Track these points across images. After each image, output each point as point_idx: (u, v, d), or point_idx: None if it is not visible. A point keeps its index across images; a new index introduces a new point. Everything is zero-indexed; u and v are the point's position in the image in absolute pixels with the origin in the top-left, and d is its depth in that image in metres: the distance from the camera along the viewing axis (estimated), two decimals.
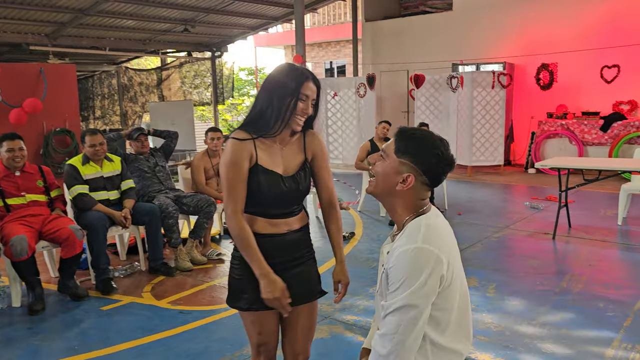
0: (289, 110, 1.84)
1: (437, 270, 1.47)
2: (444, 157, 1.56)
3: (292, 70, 1.89)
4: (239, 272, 1.94)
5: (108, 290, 3.97)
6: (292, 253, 1.98)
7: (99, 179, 4.33)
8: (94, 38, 12.00)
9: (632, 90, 9.16)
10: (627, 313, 3.48)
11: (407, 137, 1.60)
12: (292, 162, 1.95)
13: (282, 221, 1.95)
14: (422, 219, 1.58)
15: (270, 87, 1.87)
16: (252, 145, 1.87)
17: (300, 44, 9.50)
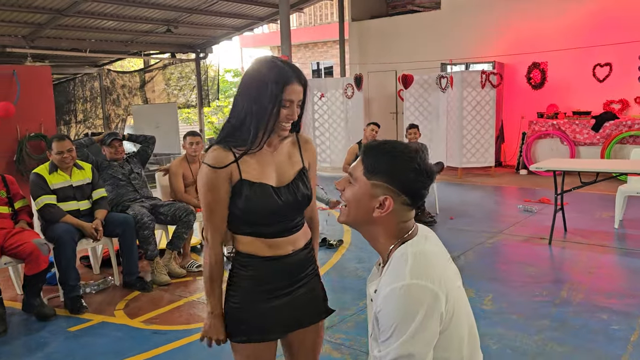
0: (272, 119, 1.58)
1: (435, 308, 1.22)
2: (422, 169, 1.32)
3: (271, 69, 1.59)
4: (236, 299, 1.69)
5: (77, 309, 3.68)
6: (297, 274, 1.73)
7: (68, 188, 4.03)
8: (74, 39, 11.66)
9: (623, 89, 9.02)
10: (632, 326, 3.27)
11: (376, 153, 1.35)
12: (288, 170, 1.69)
13: (285, 240, 1.68)
14: (408, 246, 1.32)
15: (247, 92, 1.60)
16: (230, 159, 1.60)
17: (286, 44, 9.25)
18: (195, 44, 13.63)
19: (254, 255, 1.65)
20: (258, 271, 1.65)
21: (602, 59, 9.14)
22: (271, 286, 1.66)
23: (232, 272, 1.70)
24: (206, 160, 1.61)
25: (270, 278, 1.67)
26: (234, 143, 1.60)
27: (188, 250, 4.73)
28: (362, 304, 3.72)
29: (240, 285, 1.67)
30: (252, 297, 1.66)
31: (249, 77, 1.61)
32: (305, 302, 1.75)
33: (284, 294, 1.68)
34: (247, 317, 1.67)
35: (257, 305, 1.66)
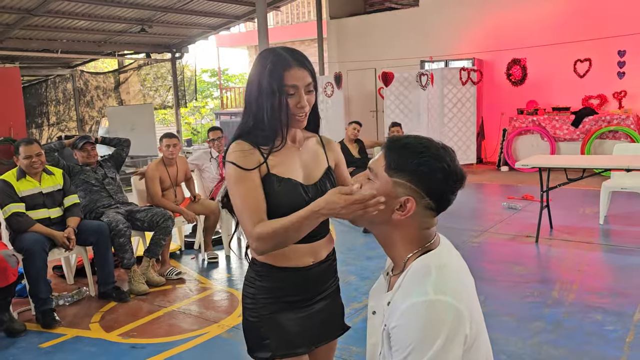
0: (282, 110, 1.45)
1: (459, 330, 1.07)
2: (452, 170, 1.16)
3: (267, 57, 1.48)
4: (254, 312, 1.56)
5: (49, 323, 3.47)
6: (318, 288, 1.59)
7: (37, 196, 3.81)
8: (45, 40, 11.31)
9: (601, 85, 9.06)
10: (627, 326, 3.20)
11: (400, 148, 1.19)
12: (315, 169, 1.58)
13: (307, 247, 1.54)
14: (431, 258, 1.18)
15: (251, 88, 1.50)
16: (258, 153, 1.49)
17: (264, 43, 9.06)
18: (170, 43, 13.36)
19: (269, 264, 1.52)
20: (274, 282, 1.53)
21: (581, 55, 9.17)
22: (289, 299, 1.55)
23: (247, 282, 1.59)
24: (230, 158, 1.47)
25: (288, 291, 1.53)
26: (255, 140, 1.50)
27: (167, 257, 4.53)
28: (349, 309, 3.59)
29: (256, 297, 1.55)
30: (269, 310, 1.54)
31: (250, 73, 1.52)
32: (327, 316, 1.63)
33: (304, 307, 1.56)
34: (269, 331, 1.54)
35: (277, 318, 1.54)
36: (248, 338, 1.59)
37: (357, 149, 6.22)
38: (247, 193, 1.44)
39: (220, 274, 4.57)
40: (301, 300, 1.55)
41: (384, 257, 4.53)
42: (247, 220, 1.43)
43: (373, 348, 1.37)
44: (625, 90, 8.82)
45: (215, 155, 5.22)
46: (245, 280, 1.60)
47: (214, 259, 4.84)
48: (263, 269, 1.54)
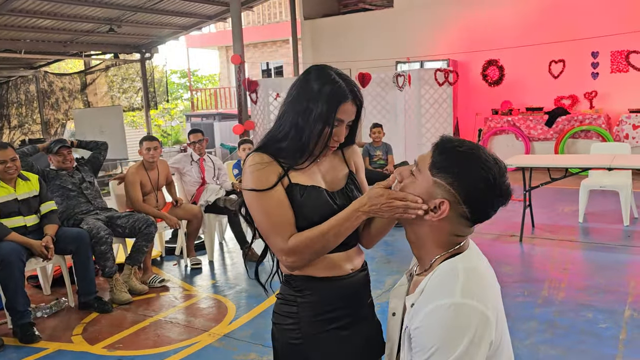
0: (321, 139, 1.39)
1: (485, 335, 1.04)
2: (497, 184, 1.11)
3: (327, 84, 1.38)
4: (297, 334, 1.42)
5: (29, 338, 3.28)
6: (358, 304, 1.48)
7: (12, 203, 3.61)
8: (7, 40, 10.89)
9: (573, 85, 9.25)
10: (619, 323, 3.23)
11: (450, 150, 1.15)
12: (337, 175, 1.50)
13: (343, 256, 1.44)
14: (459, 261, 1.14)
15: (296, 105, 1.40)
16: (277, 164, 1.40)
17: (238, 44, 8.93)
18: (139, 44, 13.05)
19: (310, 276, 1.41)
20: (316, 295, 1.41)
21: (555, 56, 9.34)
22: (334, 314, 1.43)
23: (284, 302, 1.45)
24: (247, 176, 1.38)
25: (334, 304, 1.42)
26: (276, 153, 1.41)
27: (149, 264, 4.38)
28: None
29: (298, 316, 1.42)
30: (314, 329, 1.41)
31: (300, 89, 1.41)
32: (370, 336, 1.52)
33: (349, 322, 1.44)
34: (314, 354, 1.42)
35: (323, 338, 1.42)
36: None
37: None
38: (271, 209, 1.36)
39: (204, 280, 4.44)
40: (346, 315, 1.45)
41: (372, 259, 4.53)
42: (277, 238, 1.35)
43: (391, 350, 1.35)
44: (596, 91, 9.03)
45: (196, 158, 5.08)
46: (282, 299, 1.46)
47: (197, 265, 4.71)
48: (303, 283, 1.42)
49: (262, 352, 3.03)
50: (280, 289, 1.49)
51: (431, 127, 9.09)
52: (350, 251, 1.47)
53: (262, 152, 1.41)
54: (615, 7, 8.79)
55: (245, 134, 8.86)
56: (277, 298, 1.49)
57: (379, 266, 4.52)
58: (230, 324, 3.47)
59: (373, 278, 4.31)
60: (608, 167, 4.55)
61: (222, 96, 18.27)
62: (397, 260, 4.60)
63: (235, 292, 4.08)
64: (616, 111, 8.75)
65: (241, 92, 9.13)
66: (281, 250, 1.35)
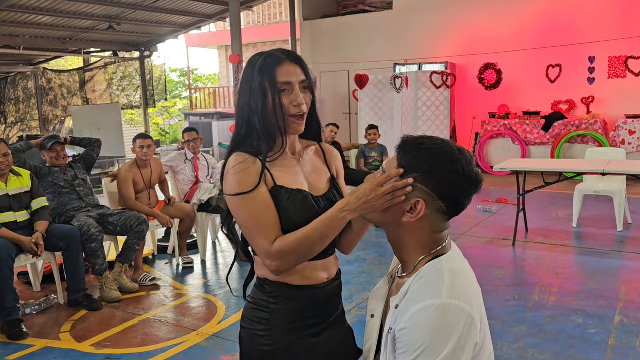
0: (278, 112, 1.33)
1: (470, 336, 1.05)
2: (466, 173, 1.12)
3: (257, 57, 1.37)
4: (269, 340, 1.39)
5: (17, 335, 3.27)
6: (330, 311, 1.47)
7: (4, 198, 3.61)
8: (7, 36, 10.89)
9: (570, 90, 9.25)
10: (608, 329, 3.22)
11: (414, 149, 1.16)
12: (319, 179, 1.47)
13: (320, 264, 1.42)
14: (443, 262, 1.15)
15: (242, 92, 1.38)
16: (260, 164, 1.35)
17: (237, 42, 8.92)
18: (139, 42, 13.05)
19: (286, 284, 1.38)
20: (291, 302, 1.39)
21: (553, 60, 9.35)
22: (307, 322, 1.41)
23: (256, 307, 1.42)
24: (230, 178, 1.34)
25: (307, 312, 1.40)
26: (252, 150, 1.36)
27: (140, 263, 4.37)
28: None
29: (270, 322, 1.39)
30: (287, 335, 1.39)
31: (242, 77, 1.40)
32: (342, 341, 1.50)
33: (322, 329, 1.43)
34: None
35: (296, 345, 1.40)
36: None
37: None
38: (256, 211, 1.31)
39: (196, 280, 4.43)
40: (318, 323, 1.43)
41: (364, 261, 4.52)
42: (262, 240, 1.30)
43: (368, 353, 1.34)
44: (593, 96, 9.03)
45: (190, 157, 5.08)
46: (253, 304, 1.43)
47: (189, 264, 4.70)
48: (278, 290, 1.39)
49: None
50: (252, 292, 1.45)
51: (427, 129, 9.10)
52: (327, 260, 1.45)
53: (242, 151, 1.37)
54: (613, 13, 8.81)
55: None
56: (248, 302, 1.45)
57: (371, 268, 4.51)
58: (219, 324, 3.46)
59: (364, 280, 4.32)
60: (602, 172, 4.54)
61: (221, 95, 18.27)
62: (388, 262, 4.57)
63: (225, 292, 4.07)
64: (613, 117, 8.76)
65: None
66: (266, 253, 1.30)
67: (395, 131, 9.23)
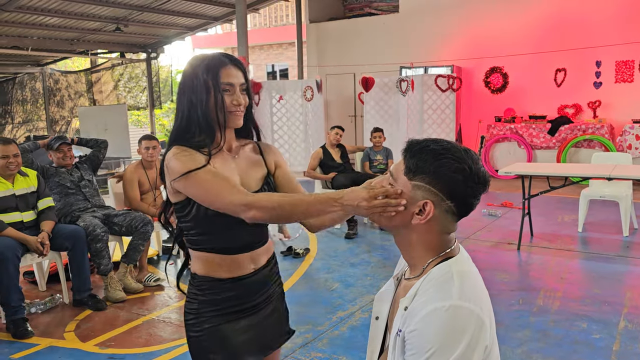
0: (218, 109, 1.46)
1: (480, 338, 1.05)
2: (474, 172, 1.13)
3: (202, 60, 1.50)
4: (197, 327, 1.52)
5: (21, 333, 3.29)
6: (261, 293, 1.56)
7: (10, 198, 3.63)
8: (15, 37, 10.97)
9: (577, 94, 9.22)
10: (612, 334, 3.21)
11: (420, 151, 1.16)
12: (252, 176, 1.56)
13: (247, 256, 1.53)
14: (452, 264, 1.15)
15: (184, 89, 1.50)
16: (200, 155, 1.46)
17: (243, 45, 8.96)
18: (146, 43, 13.11)
19: (210, 277, 1.51)
20: (217, 294, 1.51)
21: (559, 64, 9.32)
22: (233, 309, 1.52)
23: (188, 299, 1.56)
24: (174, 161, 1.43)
25: (232, 301, 1.51)
26: (191, 145, 1.47)
27: (145, 263, 4.39)
28: (335, 318, 3.52)
29: (199, 311, 1.52)
30: (214, 322, 1.51)
31: (183, 75, 1.52)
32: (272, 323, 1.61)
33: (248, 315, 1.54)
34: (214, 345, 1.51)
35: (222, 331, 1.51)
36: (194, 355, 1.55)
37: (339, 154, 6.16)
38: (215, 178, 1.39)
39: None
40: (246, 309, 1.54)
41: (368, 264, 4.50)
42: (233, 194, 1.36)
43: (372, 355, 1.34)
44: (600, 100, 9.00)
45: None
46: (187, 297, 1.56)
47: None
48: (205, 283, 1.51)
49: None
50: (188, 287, 1.57)
51: (433, 132, 9.09)
52: (257, 251, 1.55)
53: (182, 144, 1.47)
54: (620, 17, 8.77)
55: None
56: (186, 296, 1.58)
57: (375, 270, 4.51)
58: None
59: (368, 283, 4.31)
60: (608, 177, 4.53)
61: None
62: (392, 265, 4.57)
63: None
64: (620, 121, 8.72)
65: None
66: (241, 202, 1.34)
67: (400, 134, 9.22)
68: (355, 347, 3.08)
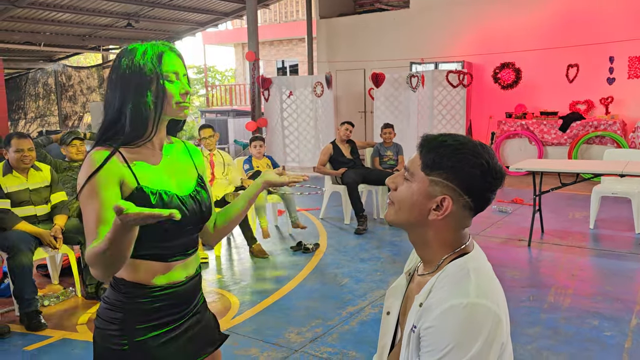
0: (159, 98, 1.35)
1: (497, 335, 1.05)
2: (491, 167, 1.13)
3: (137, 48, 1.37)
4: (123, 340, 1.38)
5: (35, 326, 3.33)
6: (188, 304, 1.50)
7: (24, 192, 3.68)
8: (28, 32, 11.08)
9: (589, 90, 9.14)
10: (624, 332, 3.19)
11: (437, 146, 1.16)
12: (186, 177, 1.48)
13: (180, 264, 1.44)
14: (468, 261, 1.15)
15: (118, 80, 1.36)
16: (119, 164, 1.33)
17: (253, 40, 8.98)
18: (157, 39, 13.08)
19: (141, 284, 1.39)
20: (145, 303, 1.39)
21: (571, 60, 9.24)
22: (163, 320, 1.42)
23: (110, 307, 1.40)
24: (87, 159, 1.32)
25: (163, 311, 1.42)
26: (117, 141, 1.35)
27: None
28: (345, 313, 3.53)
29: (123, 321, 1.38)
30: (140, 333, 1.39)
31: (115, 68, 1.38)
32: (199, 333, 1.53)
33: (176, 326, 1.46)
34: (140, 358, 1.41)
35: (148, 343, 1.40)
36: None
37: (349, 149, 6.16)
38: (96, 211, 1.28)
39: (210, 275, 4.47)
40: (175, 320, 1.45)
41: (378, 259, 4.50)
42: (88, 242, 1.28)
43: (383, 350, 1.34)
44: (612, 96, 8.91)
45: (206, 153, 5.12)
46: (108, 304, 1.40)
47: (204, 260, 4.74)
48: (134, 290, 1.38)
49: (263, 348, 3.05)
50: (107, 292, 1.43)
51: (442, 128, 9.06)
52: (189, 259, 1.48)
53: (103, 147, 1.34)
54: (633, 12, 8.67)
55: (258, 131, 8.89)
56: (102, 302, 1.43)
57: (384, 266, 4.51)
58: (233, 319, 3.50)
59: (378, 278, 4.32)
60: (620, 173, 4.49)
61: (238, 93, 18.36)
62: (402, 260, 4.58)
63: (239, 288, 4.10)
64: (632, 117, 8.64)
65: (255, 89, 9.18)
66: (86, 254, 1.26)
67: (410, 130, 9.19)
68: (365, 342, 3.09)
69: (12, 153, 3.64)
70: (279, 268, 4.54)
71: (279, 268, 4.54)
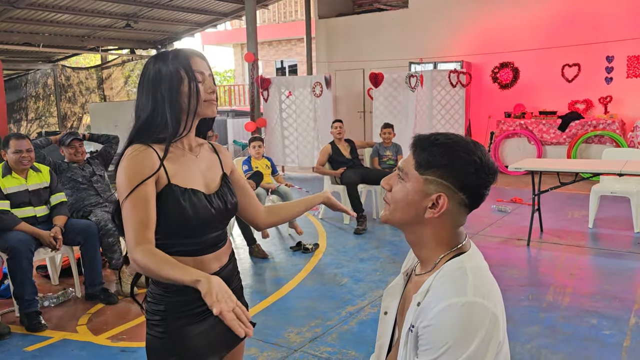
0: (192, 98, 1.43)
1: (494, 334, 1.06)
2: (484, 164, 1.14)
3: (166, 54, 1.48)
4: (161, 328, 1.48)
5: (35, 327, 3.34)
6: None
7: (23, 193, 3.68)
8: (27, 33, 11.07)
9: (588, 90, 9.15)
10: (623, 330, 3.20)
11: (429, 145, 1.17)
12: (213, 176, 1.56)
13: (212, 256, 1.52)
14: (465, 260, 1.16)
15: (150, 82, 1.45)
16: (155, 158, 1.41)
17: (252, 41, 8.99)
18: (155, 39, 13.18)
19: None
20: (185, 296, 1.46)
21: (570, 60, 9.25)
22: (199, 310, 1.49)
23: (153, 300, 1.51)
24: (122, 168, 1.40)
25: (197, 301, 1.43)
26: (151, 140, 1.44)
27: None
28: (344, 313, 3.54)
29: (165, 313, 1.48)
30: (178, 324, 1.48)
31: (146, 73, 1.47)
32: None
33: (209, 315, 1.50)
34: (176, 347, 1.49)
35: (186, 332, 1.49)
36: (152, 356, 1.52)
37: (348, 149, 6.16)
38: (136, 205, 1.36)
39: None
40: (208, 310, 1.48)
41: (377, 259, 4.50)
42: (130, 235, 1.36)
43: (380, 350, 1.35)
44: (611, 96, 8.92)
45: None
46: (150, 297, 1.51)
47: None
48: (172, 285, 1.45)
49: (263, 348, 3.06)
50: (150, 286, 1.52)
51: (441, 128, 9.07)
52: (220, 251, 1.55)
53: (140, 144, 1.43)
54: (632, 11, 8.68)
55: (257, 131, 8.90)
56: (147, 295, 1.53)
57: (384, 266, 4.52)
58: None
59: (377, 278, 4.32)
60: (619, 172, 4.50)
61: (237, 93, 18.37)
62: (401, 260, 4.55)
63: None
64: (631, 117, 8.65)
65: (254, 89, 9.19)
66: (130, 249, 1.35)
67: (409, 130, 9.19)
68: (364, 342, 3.10)
69: (10, 154, 3.64)
70: (279, 268, 4.55)
71: (279, 268, 4.55)
